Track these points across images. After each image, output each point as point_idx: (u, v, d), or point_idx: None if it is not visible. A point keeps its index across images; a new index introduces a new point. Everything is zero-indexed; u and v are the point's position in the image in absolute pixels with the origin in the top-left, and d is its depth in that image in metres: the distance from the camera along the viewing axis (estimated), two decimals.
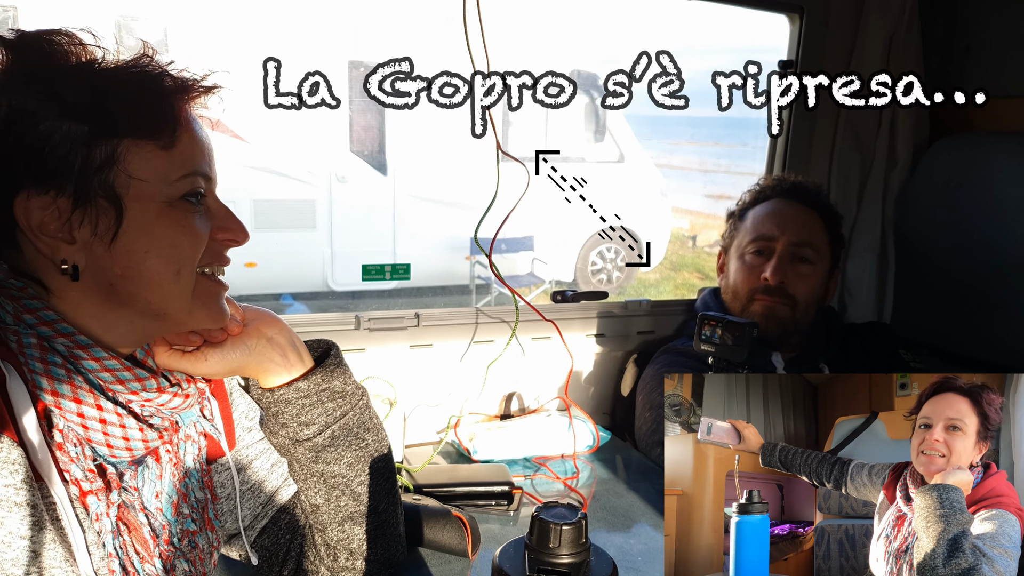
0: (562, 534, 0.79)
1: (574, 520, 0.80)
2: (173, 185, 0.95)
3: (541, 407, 2.11)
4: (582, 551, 0.80)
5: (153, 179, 0.94)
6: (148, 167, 0.93)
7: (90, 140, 0.90)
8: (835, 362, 2.05)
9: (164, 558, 1.00)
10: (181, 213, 0.97)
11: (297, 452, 1.20)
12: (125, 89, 0.94)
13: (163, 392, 1.00)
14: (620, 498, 1.74)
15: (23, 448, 0.86)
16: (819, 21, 2.36)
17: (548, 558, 0.79)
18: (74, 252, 0.92)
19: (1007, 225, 2.11)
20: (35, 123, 0.89)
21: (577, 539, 0.80)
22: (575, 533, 0.80)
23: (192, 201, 0.98)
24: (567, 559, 0.79)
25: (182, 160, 0.96)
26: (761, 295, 1.99)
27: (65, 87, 0.91)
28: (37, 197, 0.90)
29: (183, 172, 0.96)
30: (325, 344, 1.25)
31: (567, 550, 0.79)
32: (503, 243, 8.39)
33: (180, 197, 0.96)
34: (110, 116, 0.92)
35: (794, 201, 2.06)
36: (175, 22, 7.15)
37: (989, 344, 2.20)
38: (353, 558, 1.23)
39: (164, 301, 0.98)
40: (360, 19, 7.68)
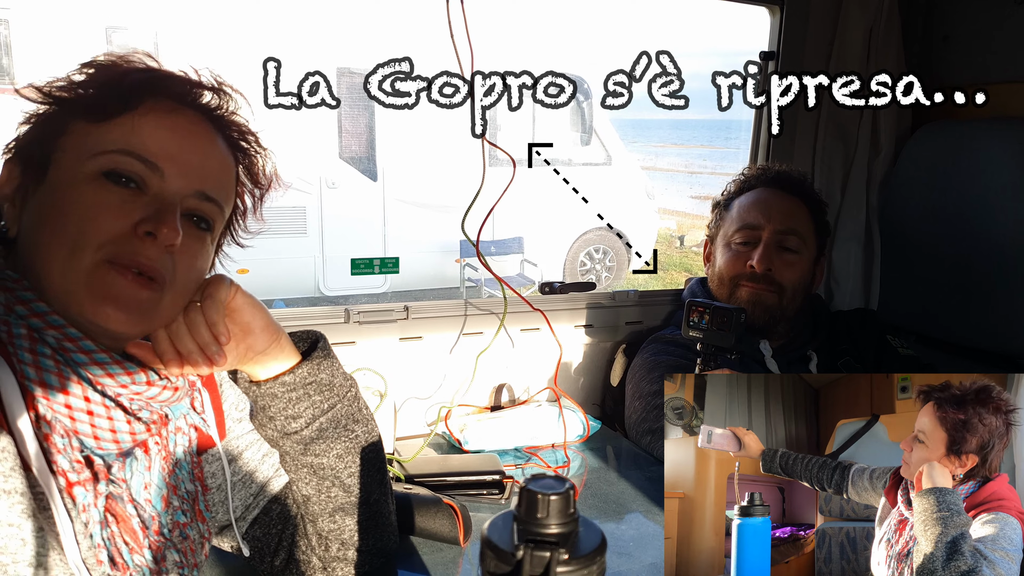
0: (550, 504, 0.78)
1: (562, 490, 0.80)
2: (93, 159, 0.94)
3: (531, 398, 2.12)
4: (570, 521, 0.80)
5: (76, 151, 0.95)
6: (77, 141, 0.96)
7: (51, 116, 0.98)
8: (823, 350, 2.06)
9: (154, 549, 1.00)
10: (94, 189, 0.94)
11: (286, 445, 1.19)
12: (94, 75, 0.99)
13: (152, 385, 0.99)
14: (611, 486, 1.75)
15: (11, 437, 0.86)
16: (800, 13, 2.38)
17: (536, 528, 0.79)
18: (14, 215, 0.99)
19: (990, 210, 2.13)
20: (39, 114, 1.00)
21: (565, 509, 0.79)
22: (563, 503, 0.79)
23: (114, 180, 0.94)
24: (556, 529, 0.79)
25: (111, 138, 0.95)
26: (747, 282, 2.00)
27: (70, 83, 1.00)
28: (10, 164, 1.00)
29: (106, 148, 0.94)
30: (312, 336, 1.24)
31: (555, 520, 0.79)
32: (492, 245, 8.42)
33: (100, 173, 0.94)
34: (72, 98, 0.98)
35: (779, 190, 2.07)
36: (164, 31, 7.15)
37: (974, 329, 2.21)
38: (345, 548, 1.23)
39: (49, 277, 0.92)
40: (349, 26, 7.69)
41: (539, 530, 0.78)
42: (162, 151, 0.97)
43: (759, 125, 2.49)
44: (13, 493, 0.84)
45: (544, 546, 0.76)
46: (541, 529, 0.78)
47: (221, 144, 1.06)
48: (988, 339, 2.19)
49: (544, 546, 0.76)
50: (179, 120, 1.00)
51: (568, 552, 0.76)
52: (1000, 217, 2.11)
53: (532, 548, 0.75)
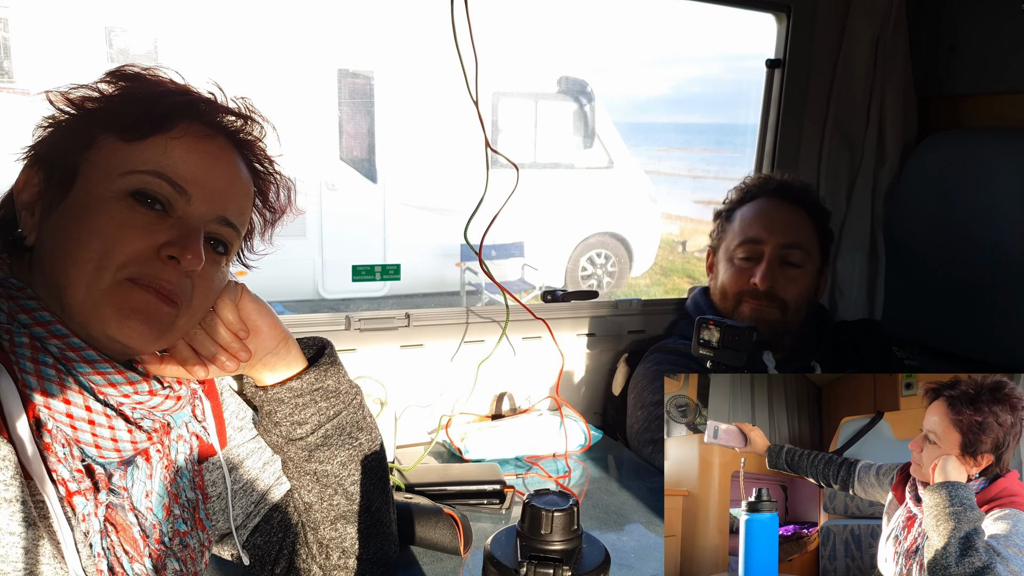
0: (554, 521, 0.78)
1: (565, 507, 0.79)
2: (122, 177, 0.94)
3: (532, 407, 2.11)
4: (574, 538, 0.79)
5: (105, 167, 0.95)
6: (106, 157, 0.96)
7: (79, 126, 0.97)
8: (827, 360, 2.05)
9: (154, 558, 1.00)
10: (121, 208, 0.94)
11: (290, 451, 1.20)
12: (128, 89, 0.99)
13: (155, 395, 0.99)
14: (612, 496, 1.74)
15: (11, 445, 0.85)
16: (806, 20, 2.37)
17: (540, 545, 0.78)
18: (32, 223, 0.97)
19: (996, 221, 2.12)
20: (61, 122, 0.98)
21: (569, 526, 0.79)
22: (567, 520, 0.79)
23: (141, 201, 0.95)
24: (559, 546, 0.78)
25: (143, 159, 0.95)
26: (749, 298, 1.99)
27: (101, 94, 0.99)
28: (30, 170, 0.99)
29: (137, 168, 0.95)
30: (319, 342, 1.25)
31: (559, 537, 0.79)
32: (493, 249, 8.43)
33: (128, 193, 0.94)
34: (102, 109, 0.97)
35: (781, 200, 2.05)
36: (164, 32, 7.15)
37: (979, 340, 2.20)
38: (346, 556, 1.23)
39: (72, 291, 0.92)
40: (350, 27, 7.70)
41: (542, 547, 0.77)
42: (191, 176, 0.97)
43: (764, 133, 2.48)
44: (14, 502, 0.84)
45: (547, 563, 0.75)
46: (544, 546, 0.77)
47: (244, 169, 1.07)
48: (993, 350, 2.18)
49: (547, 563, 0.75)
50: (210, 146, 1.01)
51: (571, 569, 0.76)
52: (1006, 227, 2.10)
53: (536, 565, 0.75)
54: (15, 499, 0.84)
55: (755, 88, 2.50)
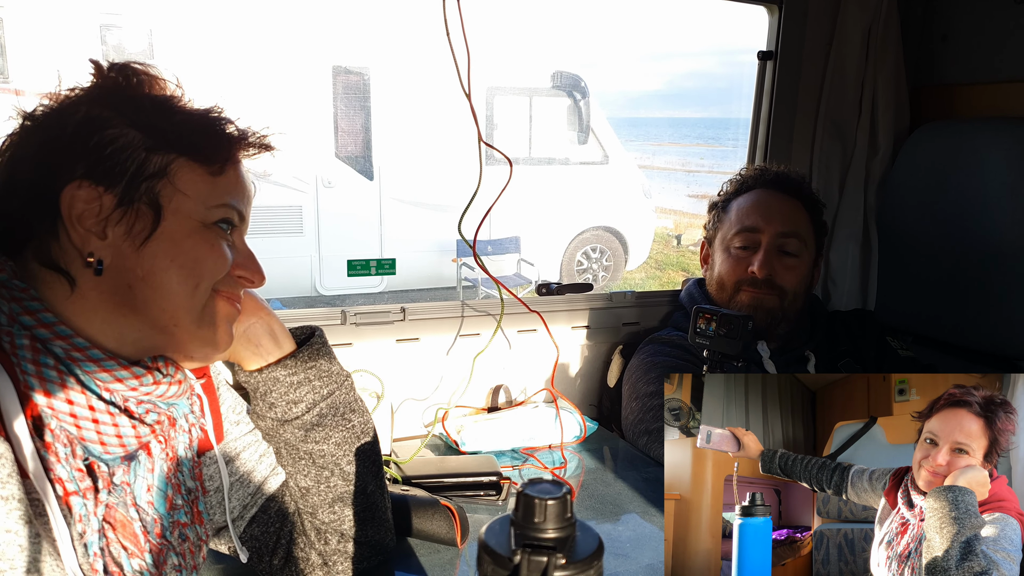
0: (547, 509, 0.78)
1: (559, 495, 0.80)
2: (212, 209, 1.03)
3: (528, 399, 2.11)
4: (567, 526, 0.80)
5: (195, 197, 1.02)
6: (194, 187, 1.02)
7: (149, 149, 0.99)
8: (821, 350, 2.06)
9: (154, 552, 1.02)
10: (212, 235, 1.04)
11: (286, 433, 1.23)
12: (192, 119, 1.05)
13: (159, 384, 1.01)
14: (608, 487, 1.74)
15: (8, 443, 0.86)
16: (798, 12, 2.38)
17: (534, 533, 0.78)
18: (103, 248, 0.97)
19: (988, 211, 2.12)
20: (104, 128, 0.97)
21: (562, 514, 0.79)
22: (560, 508, 0.79)
23: (224, 228, 1.06)
24: (553, 534, 0.79)
25: (224, 190, 1.05)
26: (748, 287, 2.00)
27: (141, 106, 1.01)
28: (87, 189, 0.96)
29: (222, 201, 1.04)
30: (309, 329, 1.30)
31: (552, 525, 0.79)
32: (489, 245, 8.44)
33: (215, 222, 1.04)
34: (173, 134, 1.01)
35: (777, 191, 2.06)
36: (159, 29, 7.14)
37: (972, 330, 2.21)
38: (344, 540, 1.25)
39: (175, 312, 1.01)
40: (344, 24, 7.69)
41: (536, 535, 0.78)
42: (245, 199, 1.10)
43: (756, 125, 2.49)
44: (10, 499, 0.84)
45: (541, 551, 0.76)
46: (538, 534, 0.78)
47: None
48: (985, 340, 2.19)
49: (541, 551, 0.76)
50: (245, 174, 1.11)
51: (565, 557, 0.76)
52: (999, 217, 2.10)
53: (529, 553, 0.75)
54: (12, 497, 0.84)
55: (748, 82, 2.50)
